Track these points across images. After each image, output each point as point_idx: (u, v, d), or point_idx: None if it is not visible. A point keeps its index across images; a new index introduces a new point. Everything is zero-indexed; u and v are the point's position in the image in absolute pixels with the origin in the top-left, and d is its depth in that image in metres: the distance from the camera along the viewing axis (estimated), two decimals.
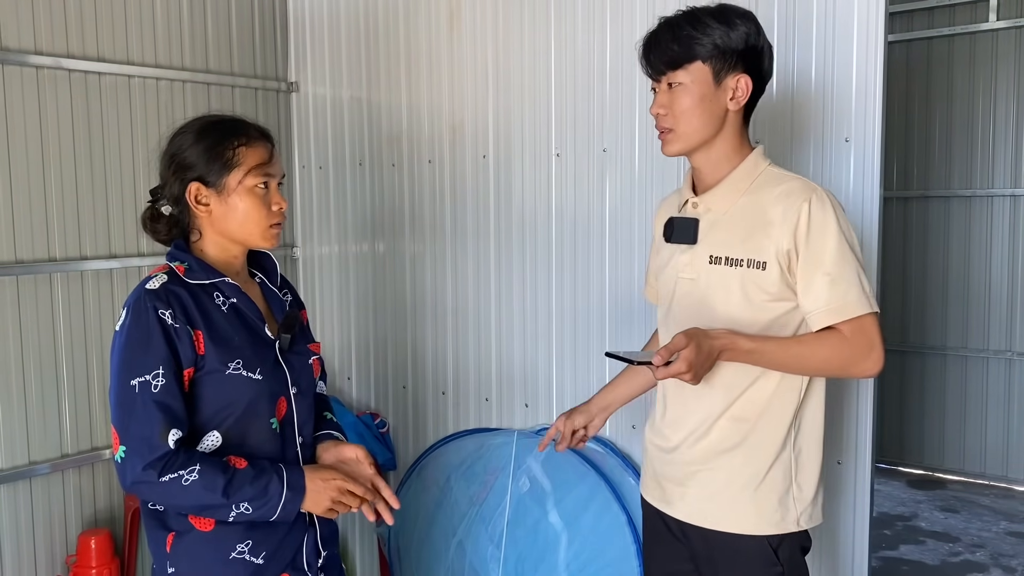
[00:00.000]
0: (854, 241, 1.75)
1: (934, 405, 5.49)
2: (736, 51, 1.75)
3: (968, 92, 5.25)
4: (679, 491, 1.90)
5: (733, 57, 1.76)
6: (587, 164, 2.87)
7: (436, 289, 3.28)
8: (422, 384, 3.36)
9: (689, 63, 1.76)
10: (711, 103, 1.77)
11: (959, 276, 5.35)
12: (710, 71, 1.76)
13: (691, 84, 1.76)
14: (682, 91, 1.77)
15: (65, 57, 2.90)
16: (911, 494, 5.18)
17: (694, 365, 1.64)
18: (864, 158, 2.36)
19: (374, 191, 3.43)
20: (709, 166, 1.84)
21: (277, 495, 1.65)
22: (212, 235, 1.75)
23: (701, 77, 1.76)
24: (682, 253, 1.87)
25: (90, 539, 2.91)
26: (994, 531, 4.61)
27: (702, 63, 1.75)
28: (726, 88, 1.77)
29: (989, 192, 5.21)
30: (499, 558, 2.94)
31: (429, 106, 3.23)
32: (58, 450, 2.95)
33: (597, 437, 2.90)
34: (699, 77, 1.76)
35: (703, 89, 1.76)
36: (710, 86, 1.76)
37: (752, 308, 1.77)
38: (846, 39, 2.35)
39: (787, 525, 1.82)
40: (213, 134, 1.71)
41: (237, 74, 3.43)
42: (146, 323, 1.61)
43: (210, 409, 1.67)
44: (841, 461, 2.42)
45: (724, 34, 1.74)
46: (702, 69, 1.76)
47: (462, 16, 3.12)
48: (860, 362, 1.73)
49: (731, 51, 1.75)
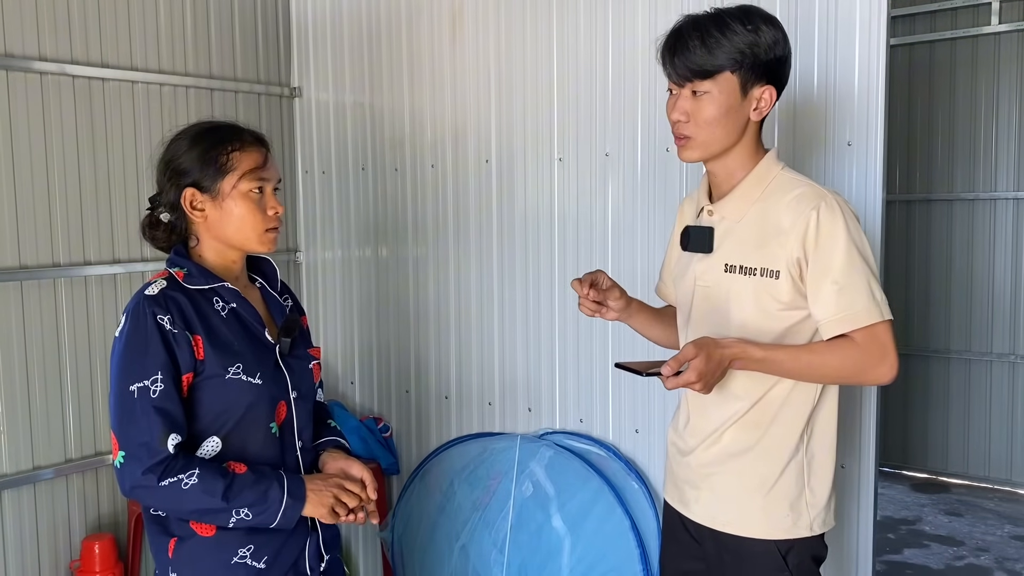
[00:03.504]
0: (865, 248, 1.72)
1: (938, 408, 5.47)
2: (764, 62, 1.71)
3: (970, 95, 5.24)
4: (694, 494, 1.91)
5: (761, 68, 1.72)
6: (589, 169, 2.87)
7: (439, 293, 3.28)
8: (425, 388, 3.36)
9: (718, 73, 1.71)
10: (736, 114, 1.74)
11: (962, 279, 5.34)
12: (737, 82, 1.71)
13: (718, 95, 1.72)
14: (708, 100, 1.73)
15: (69, 63, 2.91)
16: (915, 498, 5.17)
17: (704, 375, 1.63)
18: (867, 161, 2.36)
19: (377, 196, 3.44)
20: (725, 172, 1.82)
21: (277, 501, 1.65)
22: (209, 240, 1.75)
23: (728, 88, 1.71)
24: (699, 261, 1.86)
25: (94, 544, 2.91)
26: (998, 535, 4.60)
27: (731, 73, 1.71)
28: (751, 99, 1.74)
29: (992, 195, 5.20)
30: (502, 563, 2.93)
31: (432, 111, 3.24)
32: (62, 455, 2.95)
33: (600, 441, 2.90)
34: (727, 88, 1.71)
35: (730, 100, 1.72)
36: (736, 97, 1.72)
37: (766, 317, 1.76)
38: (848, 43, 2.35)
39: (799, 530, 1.81)
40: (207, 140, 1.72)
41: (240, 79, 3.44)
42: (144, 329, 1.62)
43: (210, 414, 1.68)
44: (845, 465, 2.42)
45: (753, 42, 1.69)
46: (730, 80, 1.71)
47: (464, 21, 3.12)
48: (873, 369, 1.70)
49: (759, 62, 1.71)
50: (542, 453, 2.95)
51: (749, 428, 1.81)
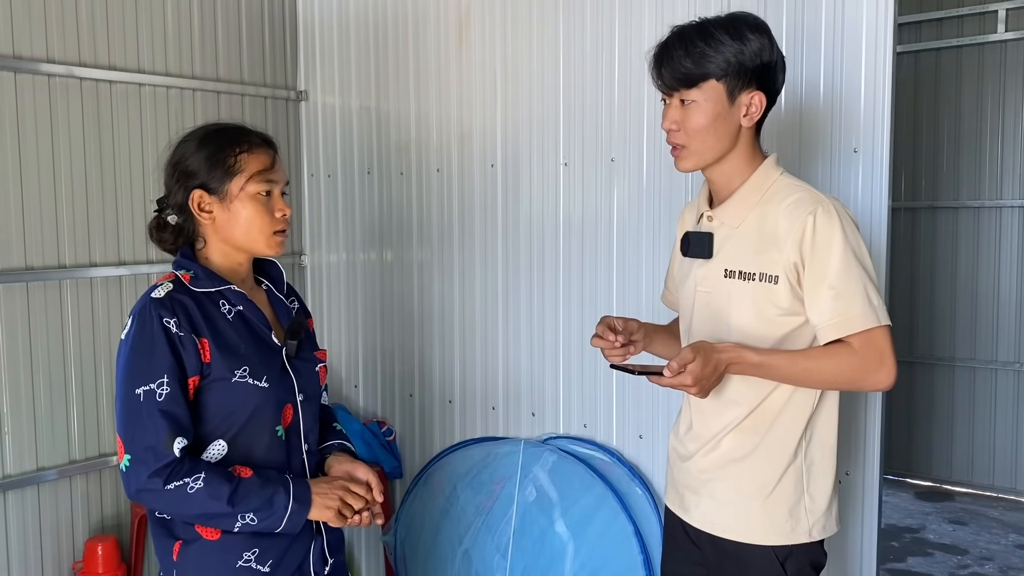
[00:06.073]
0: (863, 253, 1.72)
1: (942, 416, 5.46)
2: (750, 68, 1.73)
3: (976, 103, 5.24)
4: (694, 499, 1.91)
5: (747, 74, 1.73)
6: (595, 174, 2.87)
7: (443, 297, 3.28)
8: (429, 392, 3.36)
9: (703, 81, 1.73)
10: (725, 121, 1.75)
11: (967, 287, 5.33)
12: (724, 89, 1.73)
13: (704, 102, 1.74)
14: (695, 109, 1.75)
15: (77, 65, 2.92)
16: (919, 506, 5.15)
17: (700, 379, 1.65)
18: (872, 168, 2.36)
19: (382, 199, 3.44)
20: (723, 179, 1.83)
21: (283, 506, 1.65)
22: (216, 243, 1.75)
23: (715, 96, 1.73)
24: (699, 267, 1.87)
25: (97, 546, 2.91)
26: (1003, 544, 4.58)
27: (716, 81, 1.72)
28: (740, 105, 1.75)
29: (998, 203, 5.19)
30: (505, 567, 2.93)
31: (438, 115, 3.24)
32: (66, 456, 2.95)
33: (604, 446, 2.90)
34: (713, 96, 1.73)
35: (717, 108, 1.74)
36: (724, 104, 1.74)
37: (765, 322, 1.76)
38: (854, 50, 2.35)
39: (798, 536, 1.81)
40: (215, 142, 1.72)
41: (247, 83, 3.45)
42: (151, 332, 1.62)
43: (216, 417, 1.67)
44: (849, 472, 2.42)
45: (738, 50, 1.71)
46: (716, 87, 1.73)
47: (471, 25, 3.13)
48: (870, 375, 1.71)
49: (745, 69, 1.72)
50: (545, 458, 2.95)
51: (748, 434, 1.81)
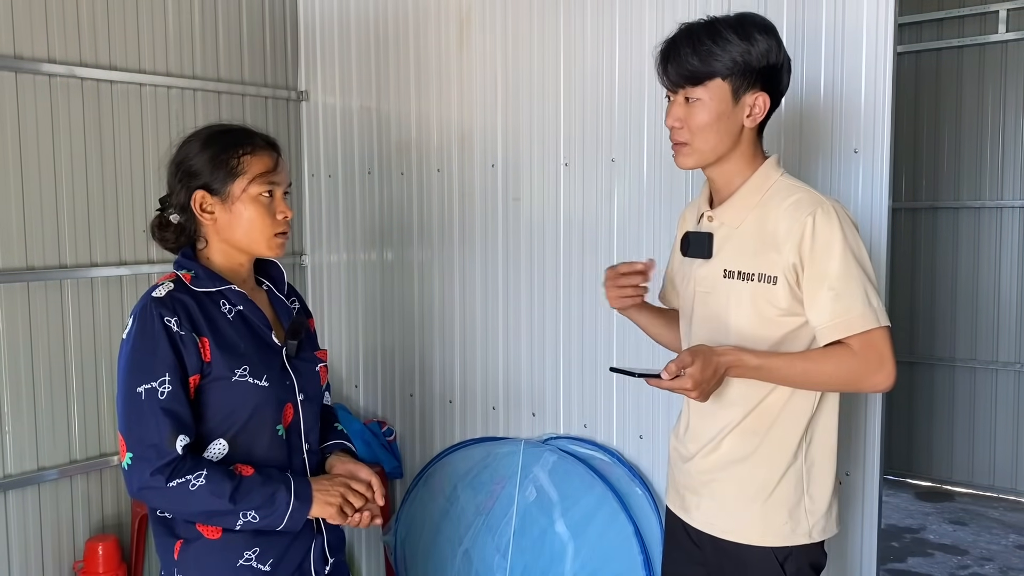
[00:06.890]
0: (862, 254, 1.72)
1: (943, 417, 5.46)
2: (756, 69, 1.73)
3: (977, 103, 5.24)
4: (695, 500, 1.91)
5: (753, 75, 1.73)
6: (595, 174, 2.88)
7: (444, 297, 3.29)
8: (429, 392, 3.36)
9: (708, 80, 1.73)
10: (728, 120, 1.76)
11: (968, 287, 5.33)
12: (729, 89, 1.73)
13: (709, 101, 1.74)
14: (699, 106, 1.75)
15: (78, 65, 2.92)
16: (919, 506, 5.15)
17: (700, 383, 1.65)
18: (873, 169, 2.36)
19: (383, 200, 3.44)
20: (723, 179, 1.83)
21: (284, 504, 1.65)
22: (218, 243, 1.76)
23: (720, 94, 1.74)
24: (699, 267, 1.87)
25: (98, 545, 2.91)
26: (1003, 544, 4.58)
27: (721, 80, 1.73)
28: (744, 105, 1.75)
29: (998, 204, 5.19)
30: (505, 567, 2.93)
31: (438, 115, 3.24)
32: (67, 456, 2.96)
33: (604, 447, 2.90)
34: (717, 94, 1.74)
35: (721, 107, 1.74)
36: (728, 103, 1.74)
37: (764, 323, 1.76)
38: (855, 50, 2.36)
39: (798, 537, 1.81)
40: (219, 143, 1.73)
41: (247, 83, 3.45)
42: (152, 331, 1.62)
43: (216, 416, 1.68)
44: (850, 473, 2.42)
45: (745, 51, 1.71)
46: (721, 86, 1.73)
47: (472, 26, 3.13)
48: (870, 377, 1.71)
49: (751, 69, 1.73)
50: (546, 458, 2.95)
51: (748, 435, 1.81)
